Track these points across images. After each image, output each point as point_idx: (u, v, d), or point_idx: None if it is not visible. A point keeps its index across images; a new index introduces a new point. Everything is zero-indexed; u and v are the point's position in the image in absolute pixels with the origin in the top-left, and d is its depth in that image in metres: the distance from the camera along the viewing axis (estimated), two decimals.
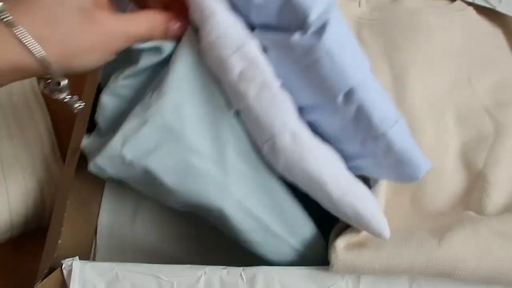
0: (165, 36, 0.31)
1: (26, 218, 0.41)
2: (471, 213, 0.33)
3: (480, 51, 0.46)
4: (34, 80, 0.49)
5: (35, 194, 0.41)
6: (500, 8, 0.49)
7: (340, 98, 0.29)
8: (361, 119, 0.29)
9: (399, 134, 0.29)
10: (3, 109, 0.44)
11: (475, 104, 0.42)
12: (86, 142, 0.33)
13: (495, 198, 0.34)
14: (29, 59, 0.26)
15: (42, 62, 0.26)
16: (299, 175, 0.30)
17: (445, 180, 0.36)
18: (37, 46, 0.26)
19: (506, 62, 0.46)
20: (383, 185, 0.34)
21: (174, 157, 0.31)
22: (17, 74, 0.27)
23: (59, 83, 0.29)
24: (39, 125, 0.45)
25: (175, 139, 0.31)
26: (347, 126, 0.30)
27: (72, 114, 0.35)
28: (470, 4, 0.50)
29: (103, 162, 0.31)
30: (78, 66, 0.28)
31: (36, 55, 0.26)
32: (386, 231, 0.30)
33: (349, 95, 0.29)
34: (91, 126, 0.35)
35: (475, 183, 0.35)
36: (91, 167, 0.31)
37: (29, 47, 0.25)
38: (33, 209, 0.41)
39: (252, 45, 0.30)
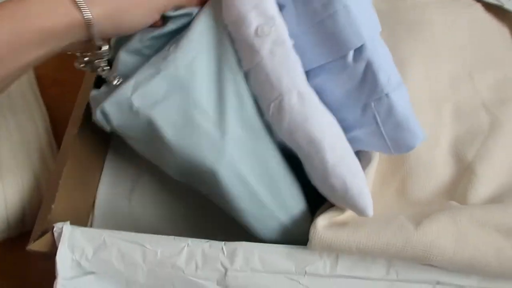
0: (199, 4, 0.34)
1: (23, 216, 0.41)
2: (454, 202, 0.33)
3: (485, 48, 0.46)
4: (32, 78, 0.49)
5: (32, 193, 0.41)
6: (509, 5, 0.49)
7: (350, 54, 0.31)
8: (368, 78, 0.31)
9: (401, 98, 0.31)
10: (1, 108, 0.44)
11: (474, 100, 0.42)
12: (94, 93, 0.35)
13: (481, 190, 0.34)
14: (78, 17, 0.28)
15: (89, 21, 0.29)
16: (300, 137, 0.31)
17: (433, 171, 0.37)
18: (85, 7, 0.28)
19: (509, 59, 0.46)
20: (373, 169, 0.34)
21: (179, 110, 0.32)
22: (70, 35, 0.29)
23: (100, 48, 0.32)
24: (37, 123, 0.46)
25: (183, 92, 0.32)
26: (352, 88, 0.32)
27: (70, 112, 0.38)
28: (478, 1, 0.50)
29: (110, 108, 0.32)
30: (128, 22, 0.31)
31: (84, 14, 0.28)
32: (370, 209, 0.30)
33: (359, 51, 0.31)
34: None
35: (463, 175, 0.36)
36: (97, 114, 0.33)
37: (79, 5, 0.28)
38: (30, 208, 0.41)
39: (270, 2, 0.31)
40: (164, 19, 0.34)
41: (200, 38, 0.33)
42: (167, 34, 0.35)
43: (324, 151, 0.30)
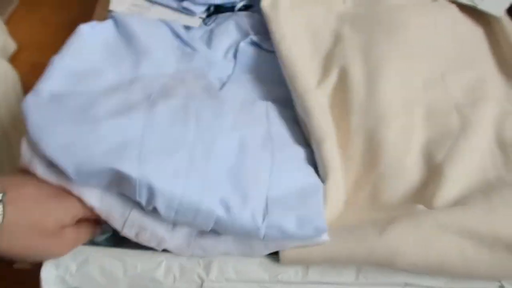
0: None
1: None
2: (420, 206, 0.34)
3: (460, 49, 0.47)
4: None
5: None
6: (482, 6, 0.49)
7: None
8: None
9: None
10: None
11: (447, 101, 0.42)
12: None
13: (448, 192, 0.35)
14: None
15: None
16: None
17: (405, 175, 0.37)
18: None
19: (483, 59, 0.46)
20: (337, 181, 0.36)
21: None
22: None
23: None
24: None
25: None
26: None
27: None
28: (453, 2, 0.51)
29: None
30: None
31: None
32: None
33: None
34: None
35: (432, 177, 0.36)
36: None
37: None
38: None
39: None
40: None
41: None
42: None
43: None
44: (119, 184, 0.30)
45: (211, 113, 0.34)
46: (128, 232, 0.32)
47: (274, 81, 0.45)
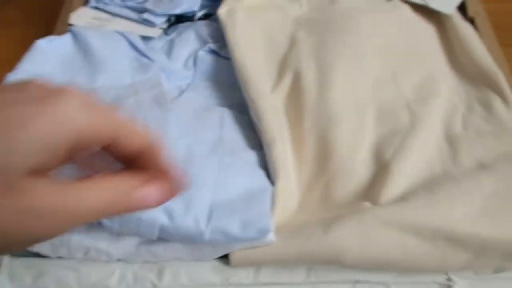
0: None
1: None
2: (367, 203, 0.35)
3: (412, 47, 0.48)
4: None
5: None
6: (433, 5, 0.50)
7: None
8: None
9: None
10: None
11: (397, 100, 0.43)
12: None
13: (394, 188, 0.35)
14: None
15: None
16: None
17: (355, 174, 0.38)
18: None
19: (435, 57, 0.47)
20: (287, 182, 0.36)
21: None
22: None
23: None
24: None
25: None
26: None
27: None
28: (406, 2, 0.52)
29: None
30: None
31: None
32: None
33: None
34: None
35: (379, 175, 0.37)
36: None
37: None
38: None
39: None
40: None
41: None
42: None
43: None
44: None
45: (157, 122, 0.35)
46: (77, 255, 0.32)
47: (231, 87, 0.46)
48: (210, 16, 0.56)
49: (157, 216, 0.30)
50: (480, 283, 0.34)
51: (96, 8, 0.54)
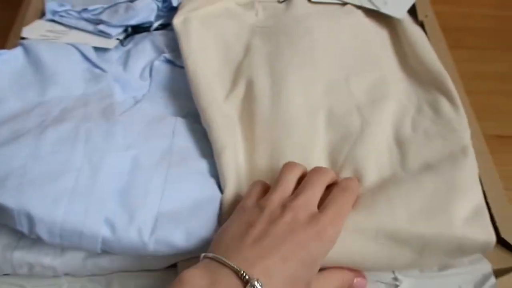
0: None
1: None
2: None
3: (364, 51, 0.49)
4: None
5: None
6: (384, 10, 0.51)
7: None
8: None
9: None
10: None
11: (349, 104, 0.43)
12: None
13: None
14: None
15: None
16: None
17: None
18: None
19: (386, 61, 0.48)
20: (236, 191, 0.37)
21: None
22: None
23: None
24: None
25: None
26: None
27: None
28: (359, 7, 0.53)
29: None
30: None
31: None
32: None
33: None
34: None
35: None
36: None
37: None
38: None
39: None
40: None
41: None
42: None
43: None
44: (2, 216, 0.31)
45: (102, 135, 0.35)
46: (22, 271, 0.32)
47: (187, 96, 0.46)
48: (167, 26, 0.56)
49: (99, 229, 0.30)
50: (425, 281, 0.34)
51: (52, 20, 0.54)
